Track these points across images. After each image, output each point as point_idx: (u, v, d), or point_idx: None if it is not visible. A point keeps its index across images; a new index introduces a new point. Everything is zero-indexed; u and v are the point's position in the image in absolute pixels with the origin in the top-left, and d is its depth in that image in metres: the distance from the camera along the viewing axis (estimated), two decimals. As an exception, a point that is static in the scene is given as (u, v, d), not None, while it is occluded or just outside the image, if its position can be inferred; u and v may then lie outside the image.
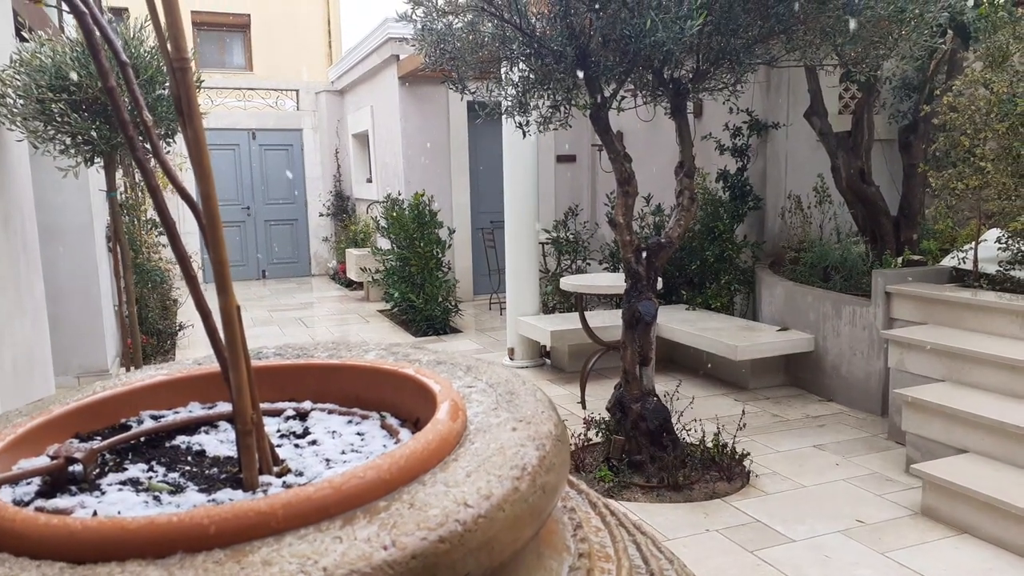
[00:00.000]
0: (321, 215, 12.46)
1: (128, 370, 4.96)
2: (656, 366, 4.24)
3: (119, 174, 6.54)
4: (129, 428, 0.98)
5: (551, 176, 9.48)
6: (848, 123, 5.93)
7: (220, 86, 11.83)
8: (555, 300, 7.12)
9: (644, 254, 4.20)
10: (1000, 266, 4.48)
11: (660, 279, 4.41)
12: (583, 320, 5.28)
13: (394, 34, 8.72)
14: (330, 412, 1.04)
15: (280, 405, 1.05)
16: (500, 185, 6.59)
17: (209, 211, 0.82)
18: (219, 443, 0.96)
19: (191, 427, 1.01)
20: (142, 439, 0.97)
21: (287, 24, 12.82)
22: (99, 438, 0.94)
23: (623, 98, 4.40)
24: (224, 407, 1.04)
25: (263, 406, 0.99)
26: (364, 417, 1.01)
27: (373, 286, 9.49)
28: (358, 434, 0.97)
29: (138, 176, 7.59)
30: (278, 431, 0.99)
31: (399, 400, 1.00)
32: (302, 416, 1.03)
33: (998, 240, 4.47)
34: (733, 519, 3.53)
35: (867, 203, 5.72)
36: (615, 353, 4.97)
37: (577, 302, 5.47)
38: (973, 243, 4.68)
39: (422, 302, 7.71)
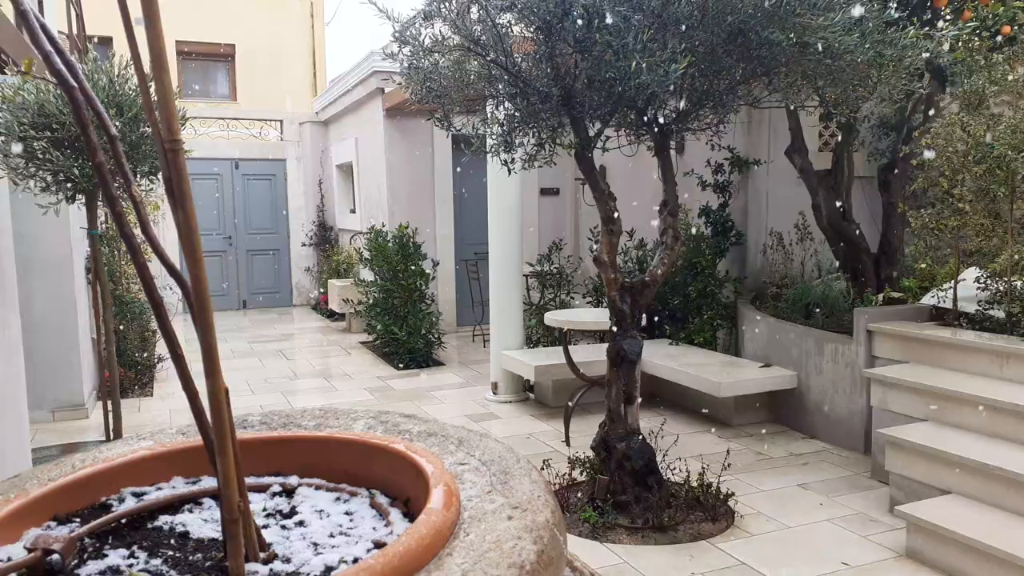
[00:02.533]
0: (304, 245, 12.41)
1: (105, 404, 4.87)
2: (641, 404, 4.23)
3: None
4: (110, 508, 0.95)
5: (535, 209, 9.52)
6: (828, 161, 6.01)
7: (204, 116, 11.81)
8: (539, 333, 7.12)
9: (629, 293, 4.21)
10: (979, 305, 4.53)
11: (644, 315, 4.42)
12: (567, 356, 5.27)
13: (379, 68, 8.78)
14: (317, 488, 1.02)
15: (266, 480, 1.03)
16: (484, 216, 6.60)
17: (199, 294, 0.81)
18: (203, 523, 0.94)
19: (174, 505, 0.98)
20: (123, 520, 0.94)
21: (272, 54, 12.87)
22: (78, 520, 0.91)
23: (607, 139, 4.43)
24: (208, 482, 1.02)
25: (248, 481, 0.96)
26: (352, 494, 0.99)
27: (355, 317, 9.43)
28: (346, 514, 0.95)
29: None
30: (264, 510, 0.97)
31: (390, 477, 0.98)
32: (288, 493, 1.01)
33: (977, 280, 4.52)
34: (718, 562, 3.50)
35: (847, 241, 5.79)
36: (600, 388, 4.97)
37: (561, 337, 5.46)
38: (952, 282, 4.73)
39: (405, 335, 7.67)
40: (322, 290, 11.48)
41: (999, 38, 4.47)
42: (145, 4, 0.76)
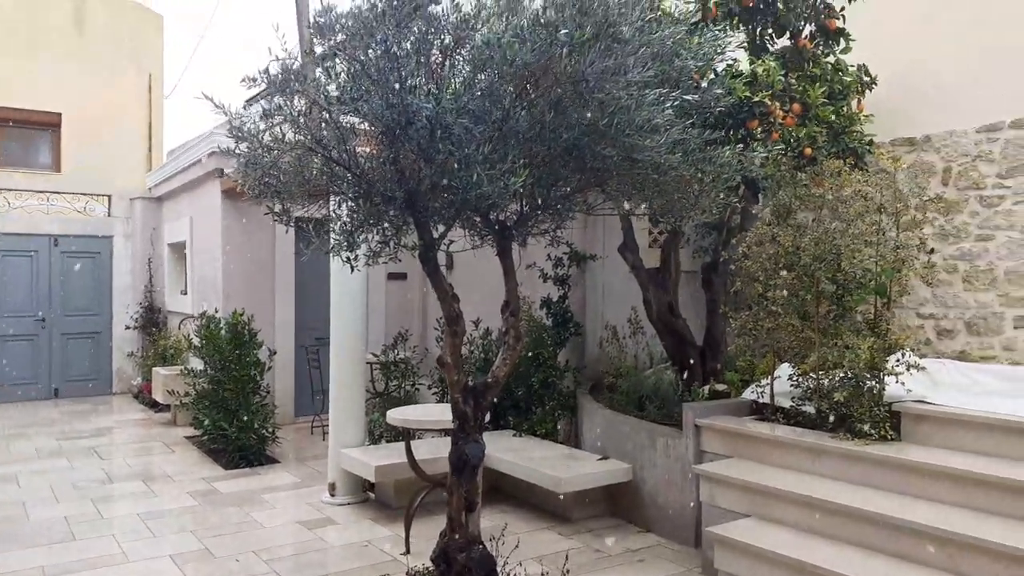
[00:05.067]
0: (128, 328, 11.54)
1: None
2: (483, 496, 4.17)
3: None
4: None
5: (381, 294, 9.41)
6: (658, 258, 6.38)
7: (22, 188, 10.92)
8: (382, 427, 6.92)
9: (472, 395, 4.20)
10: (793, 401, 4.89)
11: (487, 416, 4.41)
12: (410, 457, 5.15)
13: (218, 147, 8.48)
14: None
15: None
16: (327, 299, 6.39)
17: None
18: None
19: None
20: None
21: (104, 125, 12.11)
22: None
23: (451, 242, 4.48)
24: None
25: None
26: None
27: (181, 410, 8.80)
28: None
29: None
30: None
31: None
32: None
33: (790, 377, 4.89)
34: (560, 674, 3.45)
35: (675, 335, 6.13)
36: (444, 488, 4.86)
37: (404, 435, 5.33)
38: (769, 377, 5.09)
39: (236, 431, 7.22)
40: (146, 378, 10.66)
41: (802, 159, 4.99)
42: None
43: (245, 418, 7.26)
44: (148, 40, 12.98)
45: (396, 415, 5.31)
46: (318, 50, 4.27)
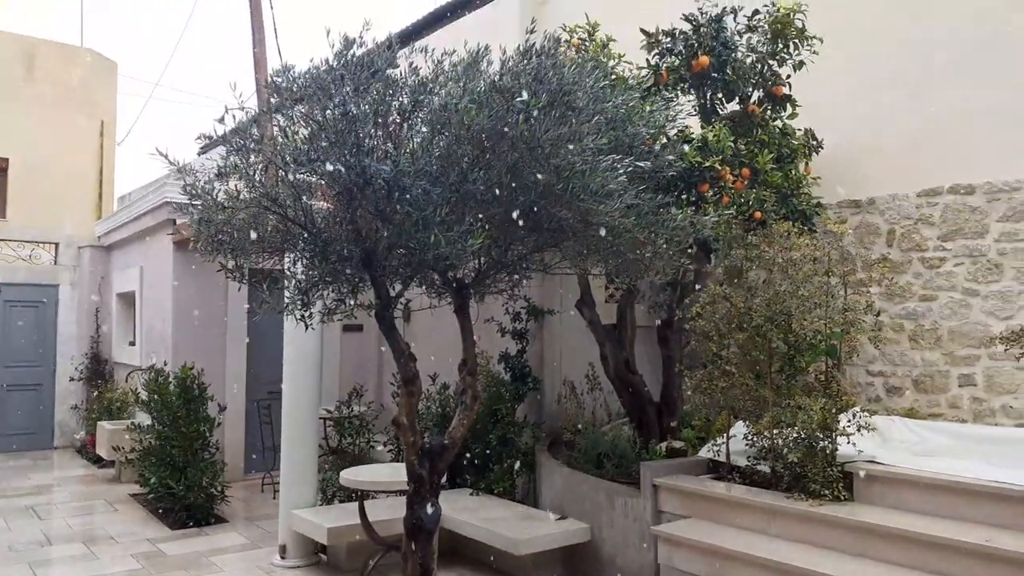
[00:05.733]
0: (72, 380, 11.17)
1: None
2: (440, 559, 4.09)
3: None
4: None
5: (337, 348, 9.29)
6: (614, 312, 6.43)
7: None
8: (335, 487, 6.75)
9: (428, 457, 4.14)
10: (749, 460, 4.91)
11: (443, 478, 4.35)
12: (363, 519, 5.03)
13: (171, 198, 8.37)
14: None
15: None
16: (280, 350, 6.26)
17: None
18: None
19: None
20: None
21: (53, 171, 11.87)
22: None
23: (409, 301, 4.46)
24: None
25: None
26: None
27: (126, 466, 8.49)
28: None
29: None
30: None
31: None
32: None
33: (745, 436, 4.92)
34: None
35: (632, 391, 6.15)
36: (399, 551, 4.74)
37: (358, 496, 5.22)
38: (725, 436, 5.12)
39: (183, 488, 6.98)
40: (90, 431, 10.29)
41: (752, 221, 5.11)
42: None
43: (193, 475, 7.04)
44: (101, 86, 12.86)
45: (350, 476, 5.20)
46: (276, 111, 4.27)
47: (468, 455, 6.72)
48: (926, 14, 5.89)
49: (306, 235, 4.10)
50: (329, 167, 3.69)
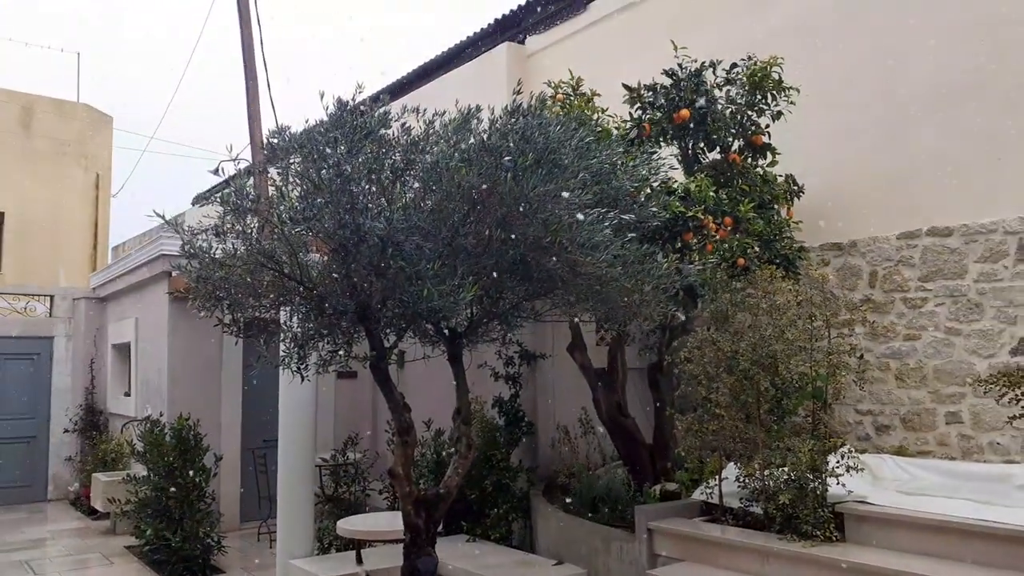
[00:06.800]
0: (67, 431, 11.14)
1: None
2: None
3: None
4: None
5: (331, 395, 9.32)
6: (606, 356, 6.51)
7: (-45, 289, 10.66)
8: (332, 536, 6.75)
9: (424, 507, 4.19)
10: (741, 502, 4.97)
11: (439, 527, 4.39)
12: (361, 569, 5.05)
13: (167, 250, 8.47)
14: None
15: None
16: (275, 398, 6.31)
17: None
18: None
19: None
20: None
21: (48, 224, 12.04)
22: None
23: (403, 352, 4.55)
24: None
25: None
26: None
27: (121, 518, 8.45)
28: None
29: None
30: None
31: None
32: None
33: (737, 478, 4.98)
34: None
35: (625, 434, 6.21)
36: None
37: (355, 546, 5.24)
38: (717, 478, 5.18)
39: (179, 540, 6.96)
40: (85, 483, 10.24)
41: (736, 268, 5.24)
42: None
43: (189, 526, 7.02)
44: (97, 140, 13.08)
45: (346, 526, 5.23)
46: (272, 170, 4.41)
47: (463, 502, 6.74)
48: (900, 66, 6.12)
49: (302, 290, 4.21)
50: (324, 225, 3.82)
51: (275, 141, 4.25)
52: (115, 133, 13.40)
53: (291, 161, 4.13)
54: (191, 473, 7.21)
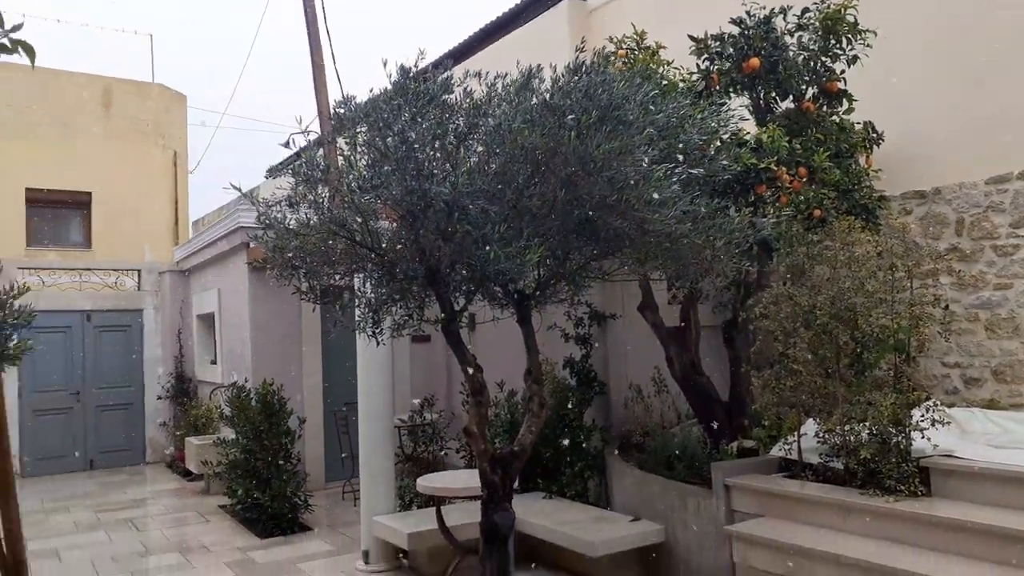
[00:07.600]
0: (159, 398, 11.76)
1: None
2: (516, 562, 4.20)
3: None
4: None
5: (406, 358, 9.53)
6: (678, 314, 6.45)
7: (55, 267, 11.26)
8: (413, 493, 6.96)
9: (499, 464, 4.27)
10: (821, 457, 4.89)
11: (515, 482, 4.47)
12: (442, 525, 5.20)
13: (245, 222, 8.75)
14: None
15: None
16: (355, 362, 6.51)
17: None
18: None
19: None
20: None
21: (131, 202, 12.57)
22: None
23: (473, 313, 4.60)
24: None
25: None
26: None
27: (214, 479, 8.91)
28: None
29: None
30: None
31: None
32: None
33: (816, 434, 4.90)
34: None
35: (700, 392, 6.15)
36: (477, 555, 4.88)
37: (435, 503, 5.39)
38: (796, 434, 5.10)
39: (269, 499, 7.31)
40: (179, 446, 10.82)
41: (812, 220, 5.08)
42: None
43: (277, 486, 7.35)
44: (172, 119, 13.51)
45: (426, 483, 5.38)
46: (340, 140, 4.47)
47: (539, 461, 6.84)
48: (987, 3, 5.74)
49: (373, 256, 4.29)
50: (392, 192, 3.86)
51: (341, 111, 4.30)
52: (188, 111, 13.85)
53: (358, 130, 4.18)
54: (277, 436, 7.53)
